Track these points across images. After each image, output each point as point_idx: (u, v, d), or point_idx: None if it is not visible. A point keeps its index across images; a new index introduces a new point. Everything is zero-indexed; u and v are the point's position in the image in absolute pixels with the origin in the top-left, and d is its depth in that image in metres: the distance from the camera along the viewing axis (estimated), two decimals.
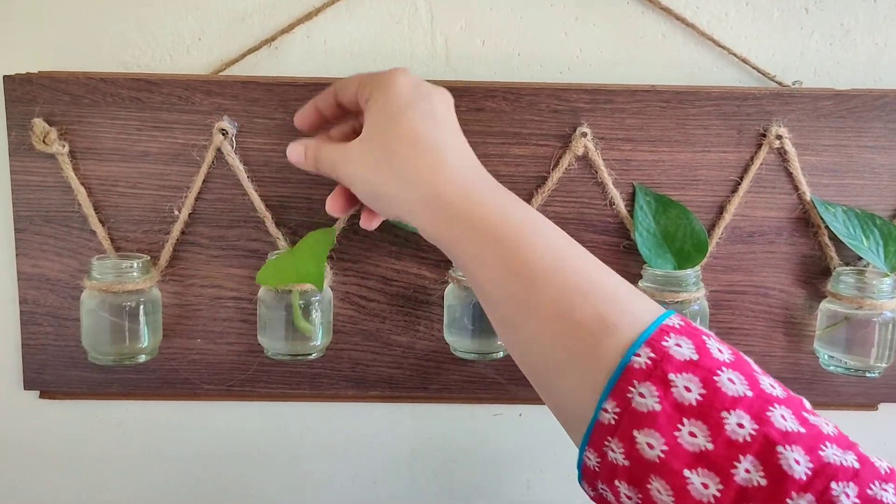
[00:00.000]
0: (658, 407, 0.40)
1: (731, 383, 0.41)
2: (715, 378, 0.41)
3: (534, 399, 0.74)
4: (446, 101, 0.55)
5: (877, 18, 0.70)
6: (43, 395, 0.73)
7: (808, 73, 0.71)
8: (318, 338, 0.67)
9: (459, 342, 0.68)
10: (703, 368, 0.41)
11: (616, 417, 0.42)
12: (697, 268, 0.68)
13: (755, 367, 0.44)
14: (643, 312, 0.45)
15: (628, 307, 0.45)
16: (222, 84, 0.67)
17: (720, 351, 0.43)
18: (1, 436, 0.75)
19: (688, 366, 0.41)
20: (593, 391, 0.43)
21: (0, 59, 0.68)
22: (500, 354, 0.69)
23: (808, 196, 0.69)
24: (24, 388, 0.72)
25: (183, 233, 0.69)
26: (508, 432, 0.77)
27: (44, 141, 0.66)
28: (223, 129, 0.67)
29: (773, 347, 0.73)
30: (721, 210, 0.70)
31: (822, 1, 0.70)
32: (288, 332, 0.66)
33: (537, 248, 0.47)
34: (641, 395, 0.41)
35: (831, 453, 0.38)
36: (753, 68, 0.70)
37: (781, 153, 0.69)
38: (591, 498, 0.46)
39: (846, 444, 0.40)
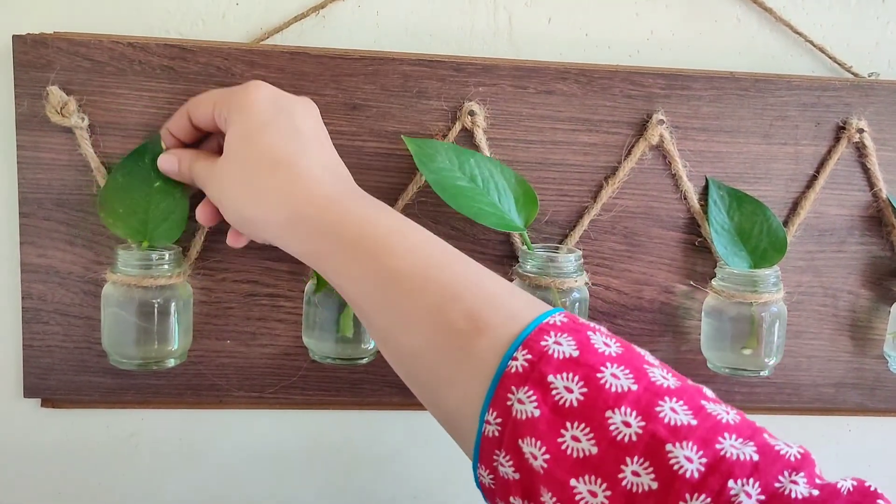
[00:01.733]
0: (537, 413, 0.37)
1: (616, 378, 0.37)
2: (598, 375, 0.38)
3: None
4: (310, 112, 0.53)
5: None
6: (45, 403, 0.64)
7: (883, 65, 0.68)
8: (371, 341, 0.61)
9: None
10: (585, 365, 0.38)
11: (499, 429, 0.39)
12: (776, 267, 0.64)
13: (648, 357, 0.40)
14: (521, 311, 0.42)
15: (505, 305, 0.42)
16: (267, 55, 0.59)
17: (606, 345, 0.40)
18: None
19: (568, 364, 0.38)
20: (475, 402, 0.40)
21: (9, 15, 0.59)
22: None
23: (884, 193, 0.66)
24: (24, 396, 0.62)
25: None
26: None
27: (61, 112, 0.57)
28: None
29: (838, 352, 0.69)
30: (795, 206, 0.66)
31: None
32: (339, 332, 0.59)
33: (406, 256, 0.44)
34: (520, 401, 0.38)
35: (729, 445, 0.35)
36: (830, 58, 0.67)
37: (860, 148, 0.66)
38: None
39: (749, 432, 0.36)
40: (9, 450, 0.66)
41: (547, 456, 0.37)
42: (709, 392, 0.39)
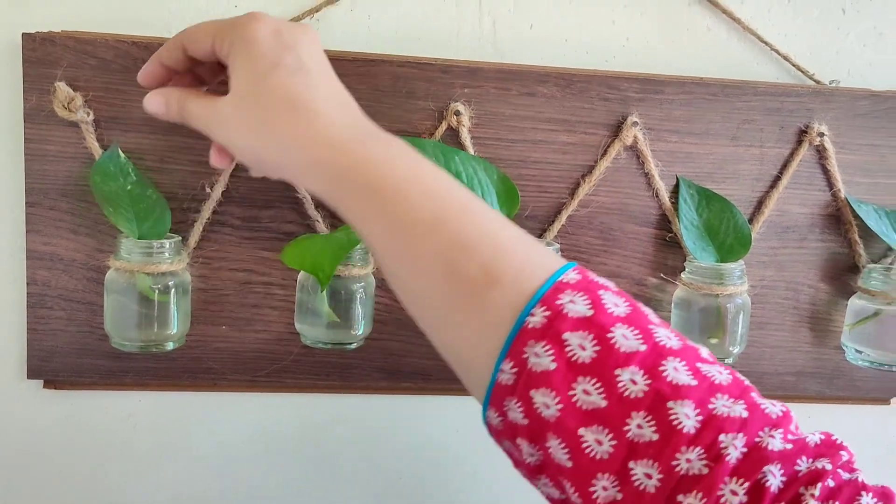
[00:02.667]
0: (553, 366, 0.40)
1: (625, 339, 0.41)
2: (609, 335, 0.41)
3: None
4: (313, 42, 0.51)
5: None
6: (47, 384, 0.67)
7: (843, 73, 0.72)
8: (360, 327, 0.64)
9: None
10: (597, 325, 0.41)
11: (514, 377, 0.41)
12: (741, 262, 0.68)
13: (652, 317, 0.44)
14: (535, 265, 0.44)
15: (518, 258, 0.44)
16: None
17: (616, 305, 0.43)
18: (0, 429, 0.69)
19: (582, 323, 0.41)
20: (490, 350, 0.43)
21: (18, 15, 0.62)
22: None
23: (843, 193, 0.71)
24: (27, 378, 0.66)
25: (214, 212, 0.65)
26: None
27: (67, 107, 0.60)
28: None
29: (799, 342, 0.74)
30: (760, 205, 0.71)
31: (858, 3, 0.71)
32: (331, 319, 0.63)
33: (420, 202, 0.45)
34: (537, 354, 0.41)
35: (721, 405, 0.39)
36: (794, 65, 0.71)
37: (820, 150, 0.70)
38: (503, 450, 0.46)
39: (738, 391, 0.40)
40: (12, 429, 0.69)
41: (560, 406, 0.40)
42: (704, 352, 0.43)
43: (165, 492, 0.72)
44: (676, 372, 0.40)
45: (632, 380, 0.39)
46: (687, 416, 0.38)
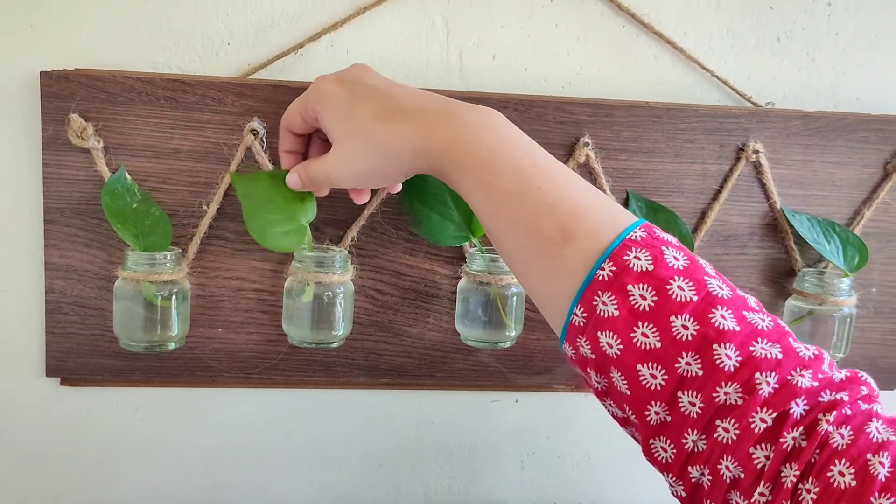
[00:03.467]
0: (617, 313, 0.48)
1: (681, 290, 0.47)
2: (667, 287, 0.47)
3: (529, 387, 0.81)
4: (367, 69, 0.61)
5: (837, 49, 0.80)
6: (64, 381, 0.75)
7: (779, 96, 0.80)
8: (341, 328, 0.72)
9: (470, 332, 0.74)
10: (657, 278, 0.48)
11: (584, 320, 0.49)
12: None
13: (708, 269, 0.50)
14: (605, 225, 0.51)
15: (590, 218, 0.51)
16: (253, 87, 0.71)
17: (675, 259, 0.49)
18: (21, 421, 0.77)
19: (644, 277, 0.48)
20: (566, 296, 0.50)
21: (36, 55, 0.70)
22: (507, 344, 0.75)
23: (778, 205, 0.78)
24: (46, 376, 0.74)
25: (210, 227, 0.73)
26: (505, 417, 0.83)
27: (80, 136, 0.68)
28: (254, 130, 0.71)
29: None
30: (703, 216, 0.78)
31: (792, 32, 0.79)
32: (314, 321, 0.71)
33: (506, 174, 0.53)
34: (604, 303, 0.48)
35: (760, 348, 0.45)
36: (732, 89, 0.79)
37: (756, 166, 0.78)
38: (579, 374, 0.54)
39: (777, 336, 0.47)
40: (32, 421, 0.77)
41: (621, 346, 0.47)
42: (752, 301, 0.49)
43: (168, 476, 0.80)
44: (723, 319, 0.46)
45: (683, 325, 0.46)
46: (728, 357, 0.45)
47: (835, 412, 0.43)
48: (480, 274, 0.72)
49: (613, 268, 0.48)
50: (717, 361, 0.45)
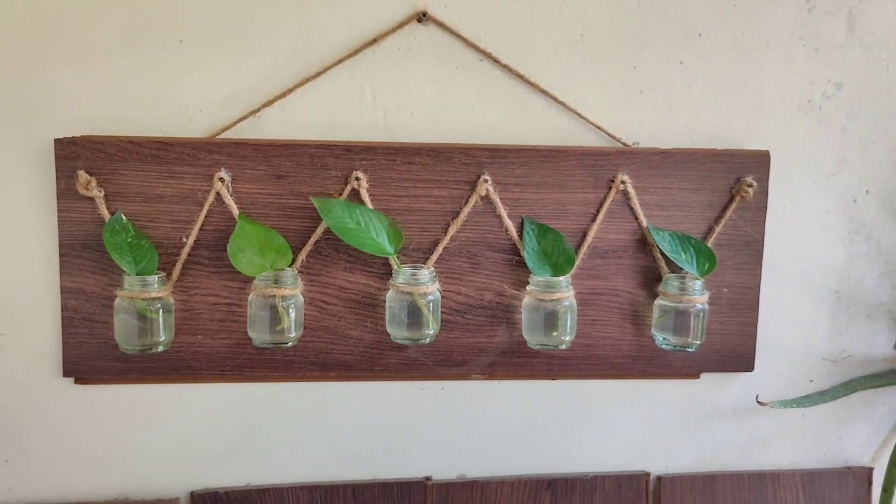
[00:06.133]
0: None
1: None
2: None
3: (452, 376, 1.00)
4: None
5: (690, 99, 0.99)
6: (77, 380, 0.95)
7: (644, 136, 0.99)
8: (293, 331, 0.91)
9: (398, 332, 0.94)
10: None
11: None
12: (568, 276, 0.95)
13: None
14: None
15: None
16: (220, 145, 0.91)
17: None
18: (44, 412, 0.96)
19: None
20: None
21: (52, 127, 0.90)
22: (427, 340, 0.94)
23: (645, 224, 0.98)
24: (63, 376, 0.93)
25: (189, 255, 0.92)
26: (432, 402, 1.02)
27: (86, 187, 0.88)
28: (221, 178, 0.90)
29: (624, 333, 1.00)
30: (584, 235, 0.98)
31: (653, 86, 0.99)
32: (271, 327, 0.90)
33: None
34: None
35: None
36: (605, 133, 0.98)
37: (625, 194, 0.97)
38: None
39: None
40: (53, 412, 0.97)
41: None
42: None
43: (162, 453, 0.99)
44: None
45: None
46: None
47: None
48: (403, 286, 0.92)
49: None
50: None
